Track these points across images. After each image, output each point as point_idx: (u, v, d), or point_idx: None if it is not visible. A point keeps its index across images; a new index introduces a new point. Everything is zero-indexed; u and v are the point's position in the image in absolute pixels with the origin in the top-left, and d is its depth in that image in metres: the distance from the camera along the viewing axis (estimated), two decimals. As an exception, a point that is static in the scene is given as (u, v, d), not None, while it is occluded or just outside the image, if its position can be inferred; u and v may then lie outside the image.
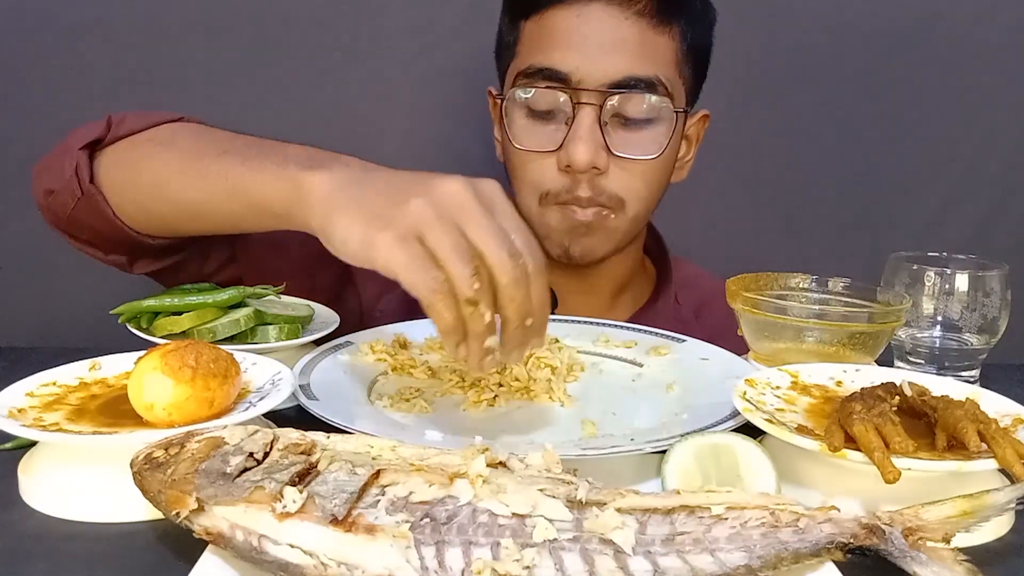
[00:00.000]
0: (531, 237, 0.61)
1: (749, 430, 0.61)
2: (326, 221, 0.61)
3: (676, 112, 0.94)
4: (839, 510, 0.49)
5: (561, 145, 0.92)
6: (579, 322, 0.93)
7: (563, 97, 0.91)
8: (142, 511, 0.55)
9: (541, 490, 0.48)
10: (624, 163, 0.93)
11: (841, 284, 0.85)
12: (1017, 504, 0.51)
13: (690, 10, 0.95)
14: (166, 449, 0.52)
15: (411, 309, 0.69)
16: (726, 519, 0.48)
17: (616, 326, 0.92)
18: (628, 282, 1.09)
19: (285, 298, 0.85)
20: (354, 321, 0.86)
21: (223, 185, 0.71)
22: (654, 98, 0.92)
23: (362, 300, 0.98)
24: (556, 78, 0.91)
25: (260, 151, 0.71)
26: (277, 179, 0.66)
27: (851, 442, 0.56)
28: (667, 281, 1.09)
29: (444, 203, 0.57)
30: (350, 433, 0.58)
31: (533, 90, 0.92)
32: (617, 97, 0.90)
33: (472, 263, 0.56)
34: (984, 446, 0.55)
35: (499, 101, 0.99)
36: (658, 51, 0.93)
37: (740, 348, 0.85)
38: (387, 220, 0.57)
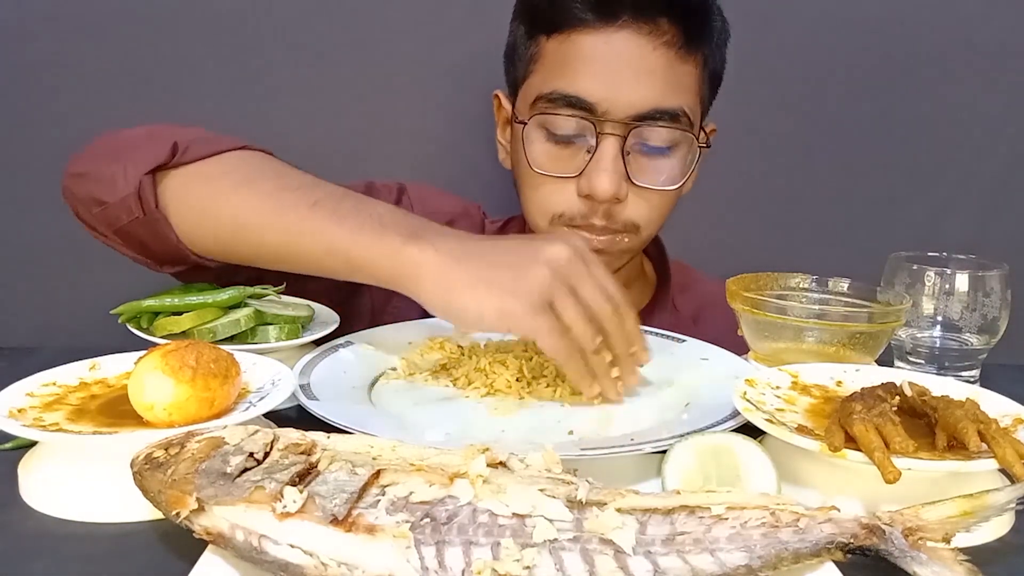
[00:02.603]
0: (615, 283, 0.72)
1: (749, 430, 0.61)
2: (449, 296, 0.68)
3: (699, 146, 0.94)
4: (839, 510, 0.49)
5: (582, 172, 0.91)
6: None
7: (586, 126, 0.90)
8: (142, 511, 0.55)
9: (541, 490, 0.48)
10: (642, 191, 0.92)
11: (841, 284, 0.85)
12: (1017, 504, 0.51)
13: (713, 35, 0.95)
14: (166, 449, 0.52)
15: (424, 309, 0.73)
16: (726, 519, 0.48)
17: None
18: (627, 287, 1.07)
19: (285, 298, 0.85)
20: (365, 321, 0.86)
21: (320, 242, 0.74)
22: (677, 132, 0.91)
23: (373, 300, 0.99)
24: (581, 106, 0.89)
25: (353, 207, 0.74)
26: (380, 248, 0.71)
27: (851, 442, 0.56)
28: (665, 289, 1.09)
29: (561, 270, 0.68)
30: (350, 433, 0.58)
31: (555, 117, 0.91)
32: (640, 128, 0.90)
33: (591, 323, 0.68)
34: (984, 446, 0.55)
35: (507, 112, 0.98)
36: (682, 81, 0.92)
37: (740, 349, 0.85)
38: (518, 293, 0.66)
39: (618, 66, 0.89)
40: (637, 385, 0.76)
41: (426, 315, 0.65)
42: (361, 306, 0.87)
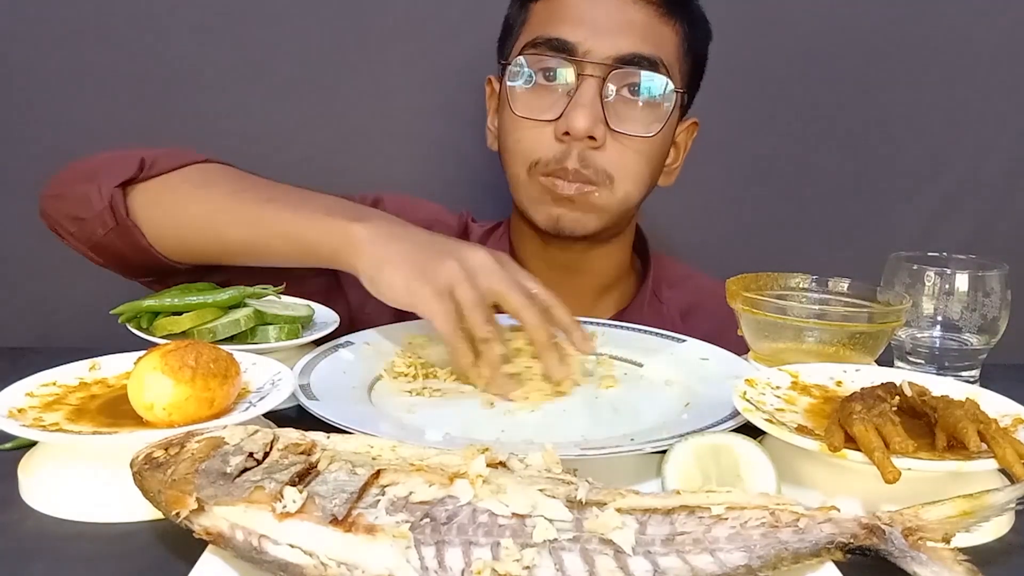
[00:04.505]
0: (541, 285, 0.78)
1: (749, 430, 0.61)
2: (375, 269, 0.75)
3: (677, 92, 0.95)
4: (839, 510, 0.49)
5: (560, 115, 0.92)
6: (579, 322, 0.93)
7: (567, 67, 0.92)
8: (142, 511, 0.55)
9: (541, 490, 0.48)
10: (620, 139, 0.93)
11: (841, 284, 0.85)
12: (1017, 504, 0.51)
13: (692, 16, 0.99)
14: (166, 449, 0.52)
15: (396, 311, 0.78)
16: (726, 519, 0.48)
17: (616, 326, 0.92)
18: (614, 282, 1.09)
19: (285, 298, 0.85)
20: (344, 323, 0.87)
21: (273, 229, 0.82)
22: (657, 77, 0.93)
23: (350, 303, 0.99)
24: (562, 48, 0.92)
25: (301, 199, 0.83)
26: (327, 227, 0.79)
27: (851, 442, 0.56)
28: (644, 281, 1.09)
29: (469, 265, 0.74)
30: (350, 433, 0.58)
31: (537, 57, 0.94)
32: (620, 72, 0.92)
33: (486, 312, 0.73)
34: (984, 446, 0.55)
35: (498, 87, 1.00)
36: (662, 38, 0.95)
37: (739, 348, 0.85)
38: (426, 277, 0.73)
39: (600, 14, 0.93)
40: (574, 379, 0.77)
41: (408, 317, 0.74)
42: (338, 307, 0.89)
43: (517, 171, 0.97)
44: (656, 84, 0.94)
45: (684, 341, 0.87)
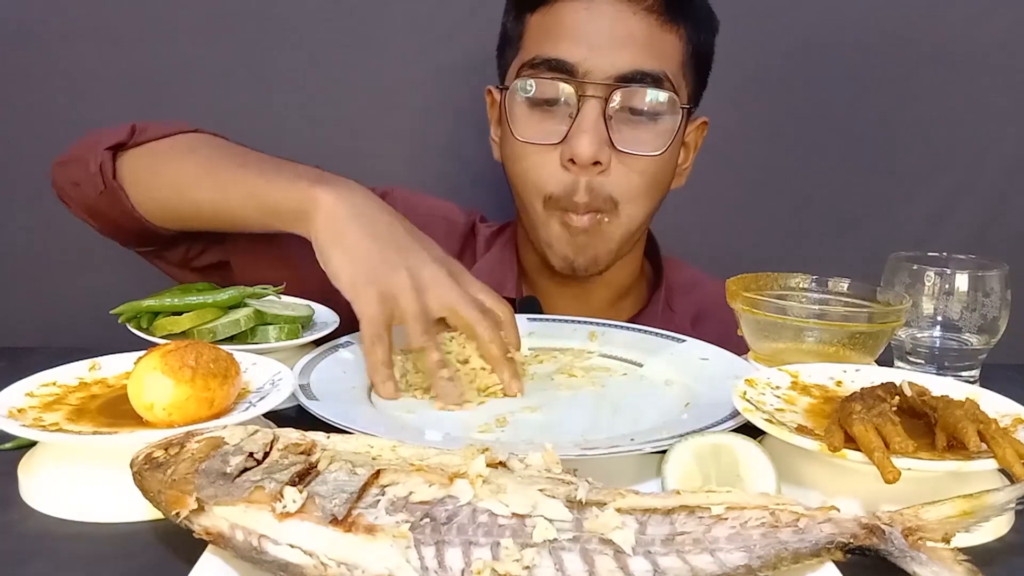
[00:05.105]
0: (497, 296, 0.79)
1: (749, 430, 0.61)
2: (327, 244, 0.75)
3: (681, 108, 0.93)
4: (839, 510, 0.49)
5: (564, 139, 0.90)
6: (579, 322, 0.93)
7: (568, 89, 0.90)
8: (142, 511, 0.55)
9: (541, 490, 0.48)
10: (626, 159, 0.91)
11: (841, 284, 0.85)
12: (1017, 504, 0.51)
13: (695, 14, 0.95)
14: (166, 449, 0.52)
15: None
16: (726, 519, 0.48)
17: (617, 326, 0.92)
18: (627, 291, 1.07)
19: (285, 298, 0.85)
20: (345, 321, 0.86)
21: (241, 191, 0.83)
22: (660, 93, 0.90)
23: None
24: (562, 69, 0.89)
25: (275, 165, 0.83)
26: (289, 188, 0.79)
27: (851, 442, 0.56)
28: (658, 289, 1.07)
29: (422, 278, 0.74)
30: (350, 433, 0.58)
31: (537, 81, 0.91)
32: (623, 91, 0.89)
33: (425, 325, 0.74)
34: (984, 446, 0.55)
35: (499, 99, 0.98)
36: (665, 49, 0.92)
37: (740, 349, 0.84)
38: (374, 278, 0.73)
39: (598, 29, 0.90)
40: (518, 392, 0.76)
41: None
42: (339, 312, 0.88)
43: (532, 201, 0.95)
44: (660, 100, 0.91)
45: (684, 341, 0.87)
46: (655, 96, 0.90)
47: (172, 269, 0.99)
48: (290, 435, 0.54)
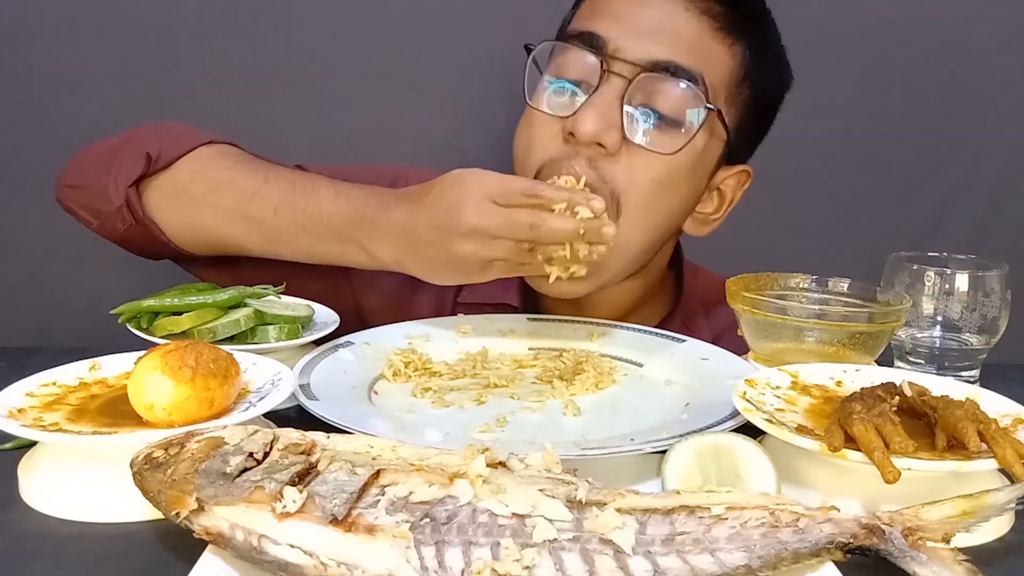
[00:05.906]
0: (518, 179, 0.75)
1: (749, 430, 0.61)
2: (408, 265, 0.77)
3: (708, 109, 0.83)
4: (839, 510, 0.49)
5: (574, 114, 0.82)
6: (580, 322, 0.93)
7: (591, 61, 0.82)
8: (142, 511, 0.55)
9: (541, 490, 0.48)
10: (636, 153, 0.82)
11: (841, 284, 0.85)
12: (1017, 504, 0.51)
13: (761, 39, 0.89)
14: (166, 449, 0.52)
15: (402, 312, 0.78)
16: (726, 519, 0.48)
17: (617, 326, 0.92)
18: (637, 307, 0.98)
19: (285, 298, 0.85)
20: (351, 320, 0.86)
21: (293, 249, 0.84)
22: (690, 90, 0.81)
23: (360, 305, 0.98)
24: (592, 43, 0.82)
25: (305, 210, 0.82)
26: (333, 244, 0.81)
27: (851, 442, 0.56)
28: (675, 307, 1.00)
29: (483, 231, 0.71)
30: (350, 433, 0.58)
31: (560, 46, 0.85)
32: (650, 77, 0.81)
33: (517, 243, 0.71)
34: (984, 446, 0.55)
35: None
36: (713, 56, 0.84)
37: (740, 349, 0.84)
38: (454, 267, 0.74)
39: (642, 15, 0.84)
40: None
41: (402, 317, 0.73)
42: (340, 312, 0.87)
43: (523, 165, 0.87)
44: (688, 97, 0.82)
45: (684, 341, 0.87)
46: (683, 91, 0.82)
47: (195, 268, 0.95)
48: (290, 435, 0.54)
